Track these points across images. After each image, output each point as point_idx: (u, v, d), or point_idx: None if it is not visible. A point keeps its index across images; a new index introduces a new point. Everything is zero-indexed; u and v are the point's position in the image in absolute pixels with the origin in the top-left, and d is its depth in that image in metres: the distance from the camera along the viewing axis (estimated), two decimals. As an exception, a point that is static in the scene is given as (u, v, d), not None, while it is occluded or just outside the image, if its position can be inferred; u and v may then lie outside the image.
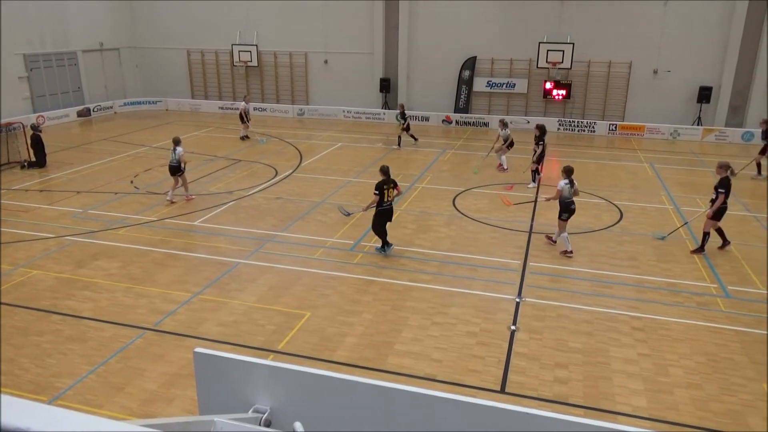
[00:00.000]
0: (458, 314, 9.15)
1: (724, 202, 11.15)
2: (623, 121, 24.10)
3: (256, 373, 2.43)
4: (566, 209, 11.23)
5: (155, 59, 30.22)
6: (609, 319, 9.03)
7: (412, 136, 21.41)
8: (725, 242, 11.58)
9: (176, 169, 14.16)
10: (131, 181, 16.42)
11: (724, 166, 11.28)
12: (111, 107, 28.60)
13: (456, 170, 18.01)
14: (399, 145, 21.06)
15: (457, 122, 25.61)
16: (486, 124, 25.30)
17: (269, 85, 28.96)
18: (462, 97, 25.74)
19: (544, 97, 24.88)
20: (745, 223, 13.40)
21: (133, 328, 8.71)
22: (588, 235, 12.47)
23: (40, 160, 17.87)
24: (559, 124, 24.59)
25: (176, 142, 14.21)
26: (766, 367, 7.77)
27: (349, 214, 12.27)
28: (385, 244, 11.42)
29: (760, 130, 17.73)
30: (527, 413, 2.70)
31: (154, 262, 11.06)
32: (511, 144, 17.65)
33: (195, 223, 13.12)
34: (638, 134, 23.58)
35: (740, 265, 11.06)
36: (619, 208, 14.26)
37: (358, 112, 27.14)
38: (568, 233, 11.54)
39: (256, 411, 2.42)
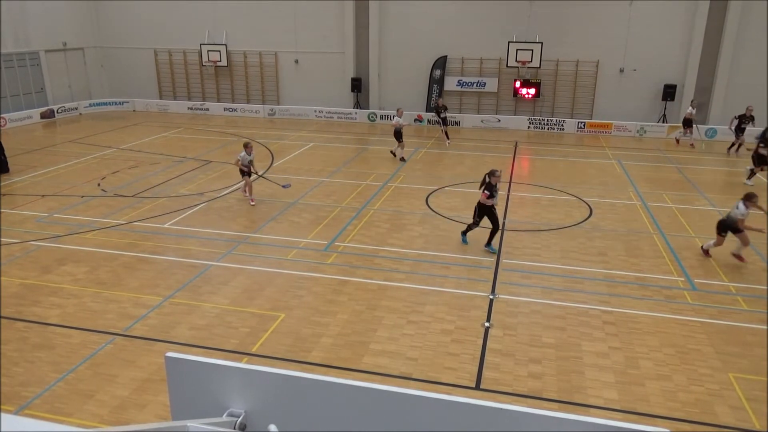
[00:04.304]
0: (433, 312, 9.19)
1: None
2: (591, 119, 24.54)
3: (229, 376, 2.39)
4: None
5: (121, 59, 29.59)
6: (581, 313, 9.18)
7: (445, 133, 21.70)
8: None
9: (243, 172, 14.34)
10: (98, 184, 16.05)
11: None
12: (76, 108, 27.90)
13: (429, 169, 18.07)
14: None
15: (428, 121, 25.72)
16: (457, 123, 25.47)
17: (239, 85, 28.64)
18: (433, 96, 25.85)
19: (514, 96, 25.16)
20: (710, 218, 13.76)
21: (103, 334, 8.51)
22: (559, 232, 12.66)
23: (1, 164, 17.32)
24: (530, 123, 24.90)
25: (244, 145, 14.30)
26: (732, 357, 8.00)
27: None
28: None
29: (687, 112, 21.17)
30: (502, 409, 2.72)
31: (123, 266, 10.83)
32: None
33: (165, 225, 12.89)
34: (606, 132, 24.03)
35: (706, 258, 11.36)
36: (588, 205, 14.51)
37: (330, 112, 27.05)
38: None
39: (230, 415, 2.38)
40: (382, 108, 26.74)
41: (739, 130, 19.66)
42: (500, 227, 11.30)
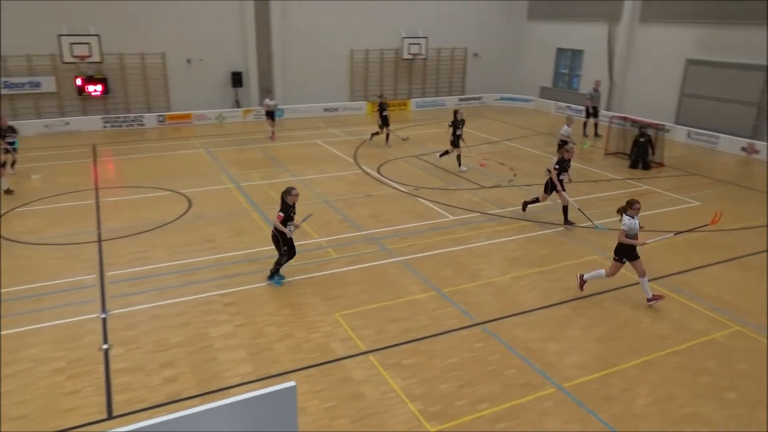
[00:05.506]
0: (34, 355, 7.76)
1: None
2: (170, 111, 24.34)
3: None
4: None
5: None
6: (202, 303, 9.21)
7: None
8: None
9: None
10: None
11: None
12: None
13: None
14: None
15: (-26, 134, 20.94)
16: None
17: None
18: (-28, 102, 21.15)
19: (79, 95, 22.75)
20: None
21: None
22: (162, 229, 12.29)
23: None
24: (105, 122, 23.05)
25: None
26: (335, 300, 9.36)
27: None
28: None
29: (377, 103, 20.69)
30: (138, 429, 2.49)
31: None
32: None
33: None
34: (187, 122, 24.26)
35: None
36: (186, 197, 14.49)
37: None
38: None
39: None
40: None
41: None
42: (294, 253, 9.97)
